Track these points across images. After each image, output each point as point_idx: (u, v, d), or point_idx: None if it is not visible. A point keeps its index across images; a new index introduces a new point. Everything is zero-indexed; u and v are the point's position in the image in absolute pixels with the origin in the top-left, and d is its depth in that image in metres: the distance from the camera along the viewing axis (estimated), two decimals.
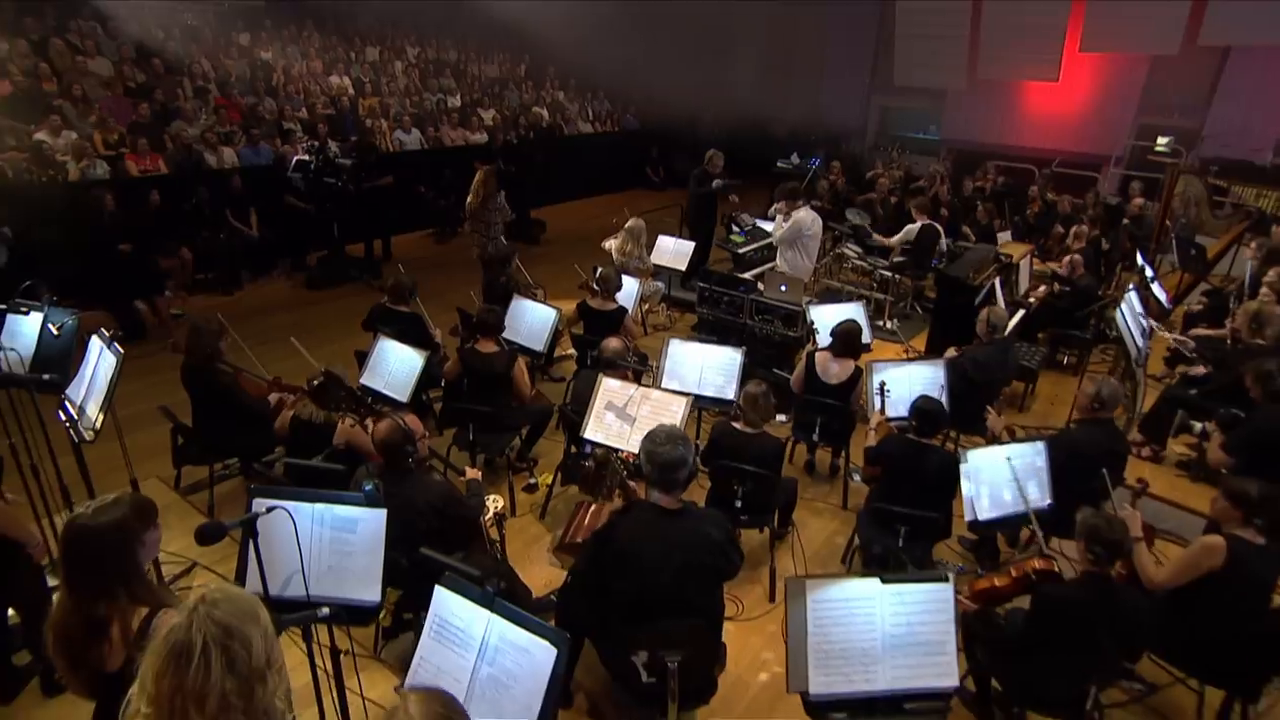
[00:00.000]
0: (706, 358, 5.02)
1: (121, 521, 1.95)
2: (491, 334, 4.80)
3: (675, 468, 2.63)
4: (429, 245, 10.77)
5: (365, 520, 2.57)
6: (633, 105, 15.49)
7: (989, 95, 13.28)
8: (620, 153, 14.67)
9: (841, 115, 15.52)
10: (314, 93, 10.79)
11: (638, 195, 14.51)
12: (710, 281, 6.25)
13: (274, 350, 5.30)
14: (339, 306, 8.07)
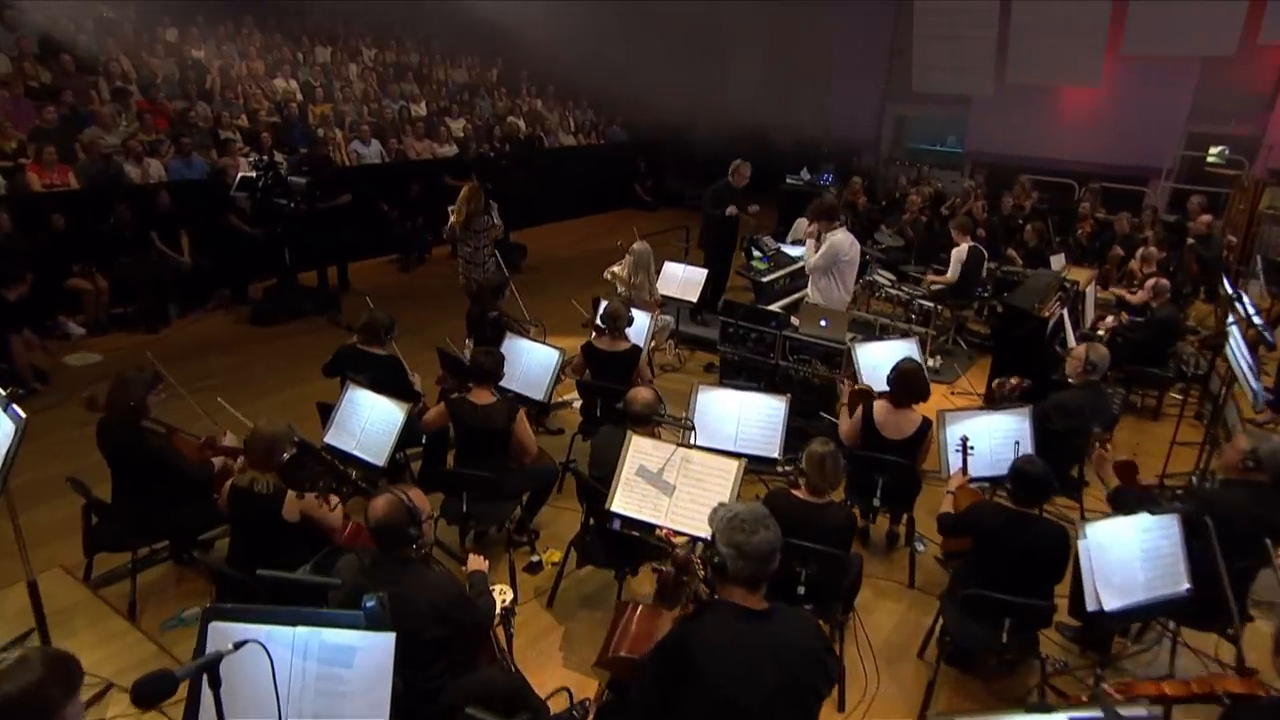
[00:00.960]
0: (744, 408, 4.73)
1: (35, 690, 1.59)
2: (489, 381, 4.47)
3: (769, 558, 2.32)
4: (392, 273, 10.51)
5: (366, 649, 2.17)
6: (619, 115, 15.53)
7: (1020, 102, 13.34)
8: (606, 168, 14.60)
9: (852, 126, 15.59)
10: (255, 98, 10.63)
11: (628, 216, 14.31)
12: (736, 316, 5.98)
13: (209, 400, 4.91)
14: (291, 346, 7.83)
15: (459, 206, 7.26)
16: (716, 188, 8.28)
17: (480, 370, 4.46)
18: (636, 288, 7.05)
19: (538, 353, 5.46)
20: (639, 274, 7.03)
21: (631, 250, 7.01)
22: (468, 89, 13.88)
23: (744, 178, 8.20)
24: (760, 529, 2.33)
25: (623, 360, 5.41)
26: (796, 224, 9.50)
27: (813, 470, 3.57)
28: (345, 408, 4.59)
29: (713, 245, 8.36)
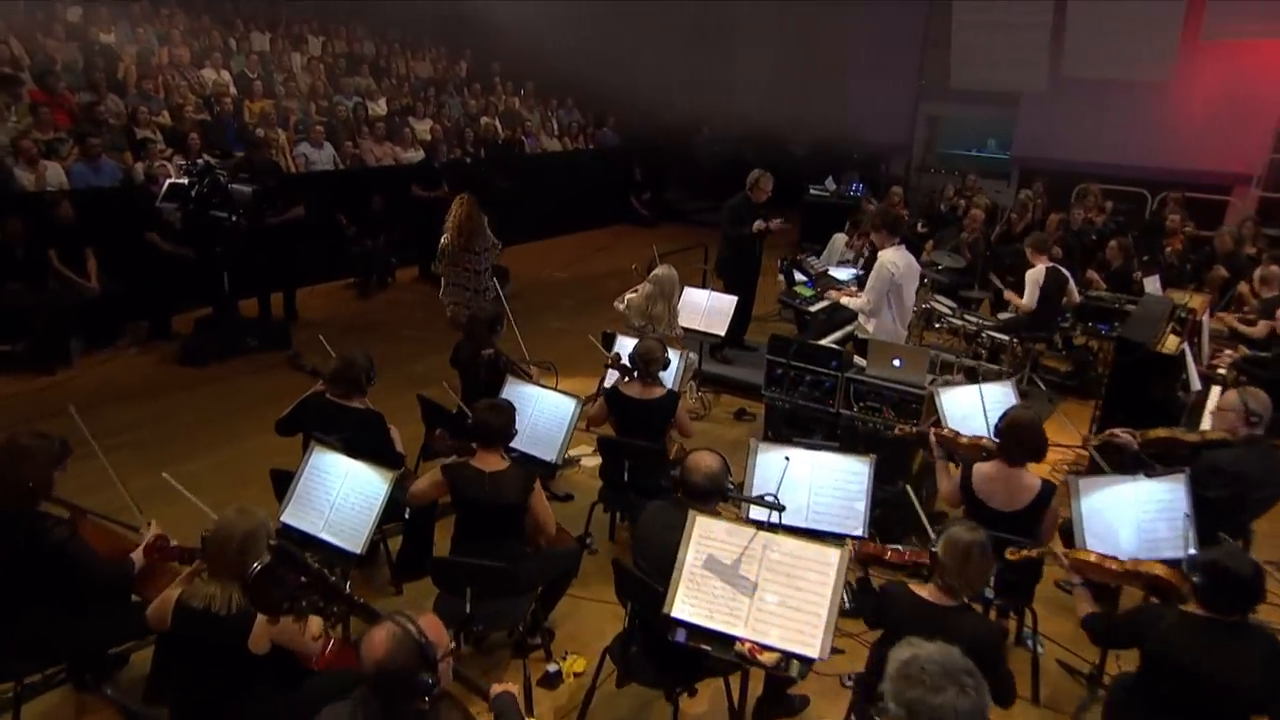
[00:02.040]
0: (818, 472, 4.32)
1: None
2: (498, 443, 3.99)
3: None
4: (350, 300, 10.19)
5: None
6: (610, 115, 15.46)
7: (1078, 100, 13.17)
8: (597, 177, 14.46)
9: (879, 128, 15.46)
10: (180, 91, 10.40)
11: (622, 233, 14.39)
12: (787, 354, 5.57)
13: (126, 463, 4.51)
14: (230, 392, 7.45)
15: (455, 225, 6.97)
16: (734, 204, 8.01)
17: (486, 429, 4.00)
18: (654, 319, 6.65)
19: (548, 401, 5.09)
20: (659, 303, 6.63)
21: (653, 276, 6.61)
22: (433, 84, 13.68)
23: (765, 192, 7.97)
24: (948, 686, 1.86)
25: (656, 410, 5.08)
26: (833, 241, 9.19)
27: (954, 562, 3.10)
28: (310, 477, 4.12)
29: (733, 270, 8.07)
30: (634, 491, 4.90)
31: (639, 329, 6.62)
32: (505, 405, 4.15)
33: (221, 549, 2.89)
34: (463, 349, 5.65)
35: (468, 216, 6.99)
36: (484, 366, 5.46)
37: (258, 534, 2.88)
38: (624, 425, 5.15)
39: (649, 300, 6.67)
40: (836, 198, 12.53)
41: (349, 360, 4.58)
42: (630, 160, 14.98)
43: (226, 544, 2.87)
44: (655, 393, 5.07)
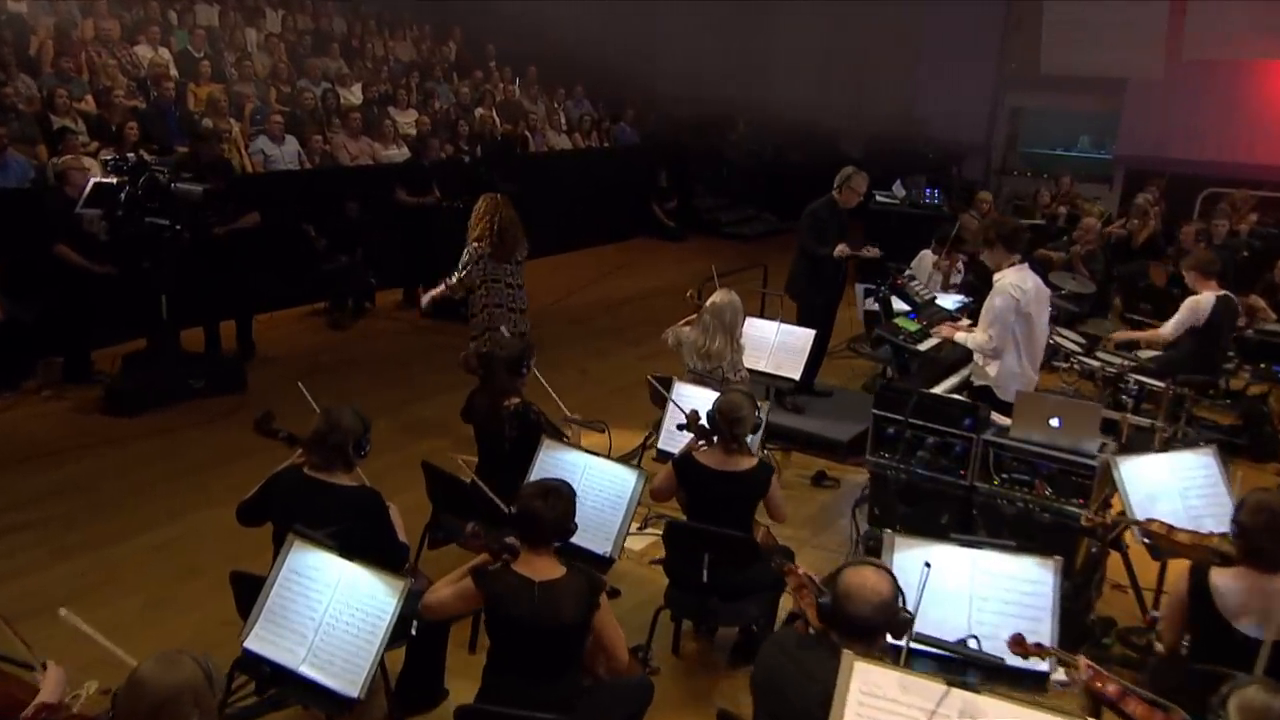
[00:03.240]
0: (981, 579, 3.74)
1: None
2: (551, 541, 3.41)
3: None
4: (320, 331, 9.82)
5: None
6: (628, 108, 15.32)
7: (1200, 88, 12.93)
8: (613, 180, 14.18)
9: (951, 123, 15.34)
10: (108, 71, 10.12)
11: (643, 248, 14.22)
12: (904, 409, 5.12)
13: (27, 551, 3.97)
14: (171, 450, 7.01)
15: (495, 228, 6.73)
16: (816, 209, 7.70)
17: (537, 524, 3.41)
18: (711, 357, 6.20)
19: (600, 473, 4.58)
20: (718, 337, 6.21)
21: (710, 304, 6.14)
22: (418, 69, 13.46)
23: (857, 194, 7.71)
24: None
25: (743, 485, 4.54)
26: (920, 260, 8.78)
27: None
28: (287, 586, 3.58)
29: (810, 292, 7.73)
30: (716, 594, 4.39)
31: (695, 371, 6.23)
32: (563, 489, 3.56)
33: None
34: (478, 399, 5.14)
35: (511, 219, 6.83)
36: (509, 422, 4.92)
37: (179, 699, 2.30)
38: (698, 504, 4.61)
39: (705, 334, 6.27)
40: (908, 205, 12.00)
41: (334, 421, 3.99)
42: (652, 161, 14.76)
43: (135, 714, 2.34)
44: (741, 463, 4.53)
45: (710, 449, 4.58)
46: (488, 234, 6.73)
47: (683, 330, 6.39)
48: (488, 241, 6.74)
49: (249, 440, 6.92)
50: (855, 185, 7.58)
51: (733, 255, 13.66)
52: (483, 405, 5.07)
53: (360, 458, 4.07)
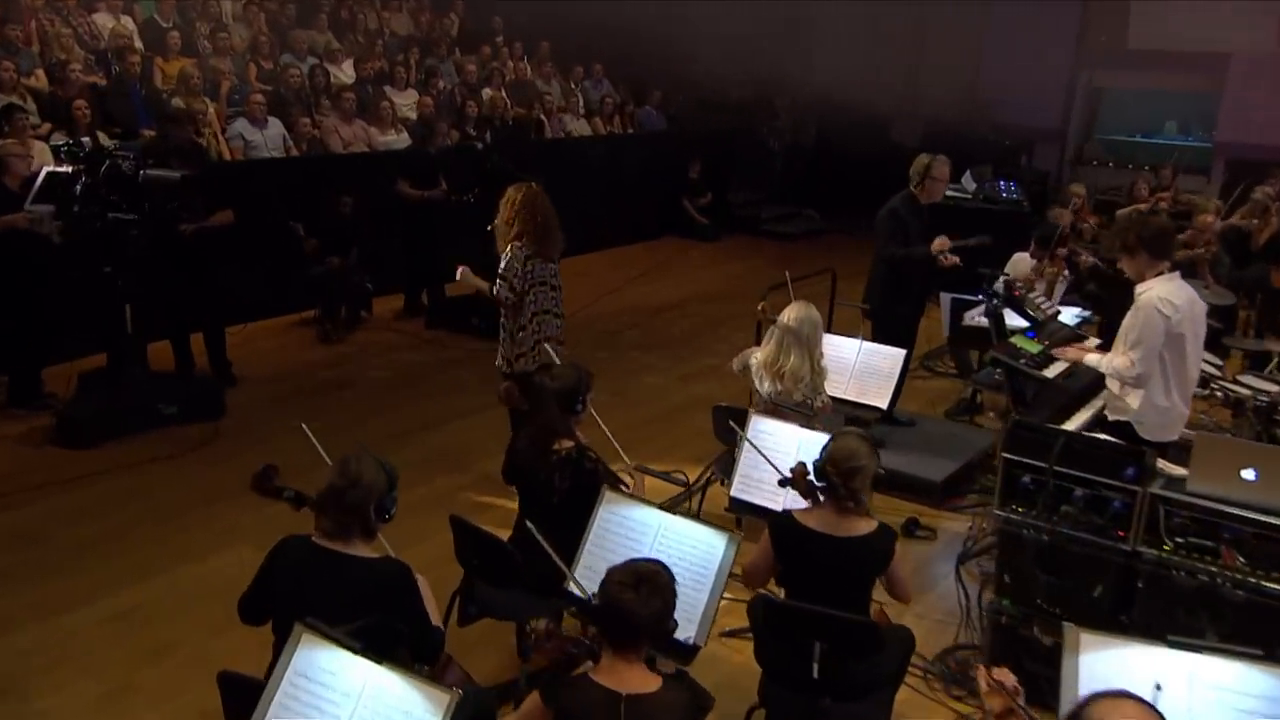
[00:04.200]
0: (1200, 694, 3.13)
1: None
2: (639, 644, 2.89)
3: None
4: (306, 345, 9.47)
5: None
6: (653, 90, 15.25)
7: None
8: (638, 171, 13.96)
9: (1020, 107, 15.12)
10: (63, 42, 9.93)
11: (674, 249, 14.09)
12: (1045, 453, 4.59)
13: None
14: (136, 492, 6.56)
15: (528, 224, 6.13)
16: (895, 208, 7.32)
17: (625, 620, 2.86)
18: (788, 378, 5.76)
19: (679, 537, 4.00)
20: (793, 354, 5.77)
21: (785, 321, 5.75)
22: (416, 44, 13.34)
23: (941, 184, 7.34)
24: None
25: (861, 555, 3.97)
26: (1014, 264, 8.33)
27: None
28: (295, 695, 2.99)
29: (891, 304, 7.34)
30: (828, 693, 3.82)
31: (770, 399, 5.77)
32: (660, 576, 3.03)
33: None
34: (521, 443, 4.52)
35: (553, 211, 6.26)
36: (559, 470, 4.38)
37: None
38: (800, 578, 4.04)
39: (781, 352, 5.79)
40: (981, 200, 11.51)
41: (352, 476, 3.42)
42: (682, 150, 14.54)
43: None
44: (858, 526, 3.95)
45: (816, 508, 4.01)
46: (530, 229, 6.21)
47: (752, 354, 5.91)
48: (531, 238, 6.22)
49: (231, 478, 6.42)
50: (937, 174, 7.16)
51: (775, 257, 13.30)
52: (524, 448, 4.50)
53: (384, 521, 3.51)
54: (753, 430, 5.08)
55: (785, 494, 4.72)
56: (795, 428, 4.98)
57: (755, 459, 4.91)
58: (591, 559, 4.02)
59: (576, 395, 4.53)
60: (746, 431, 5.06)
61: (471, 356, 8.86)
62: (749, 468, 5.01)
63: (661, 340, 9.79)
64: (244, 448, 6.88)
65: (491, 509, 6.21)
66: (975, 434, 7.33)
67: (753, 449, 4.91)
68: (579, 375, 4.59)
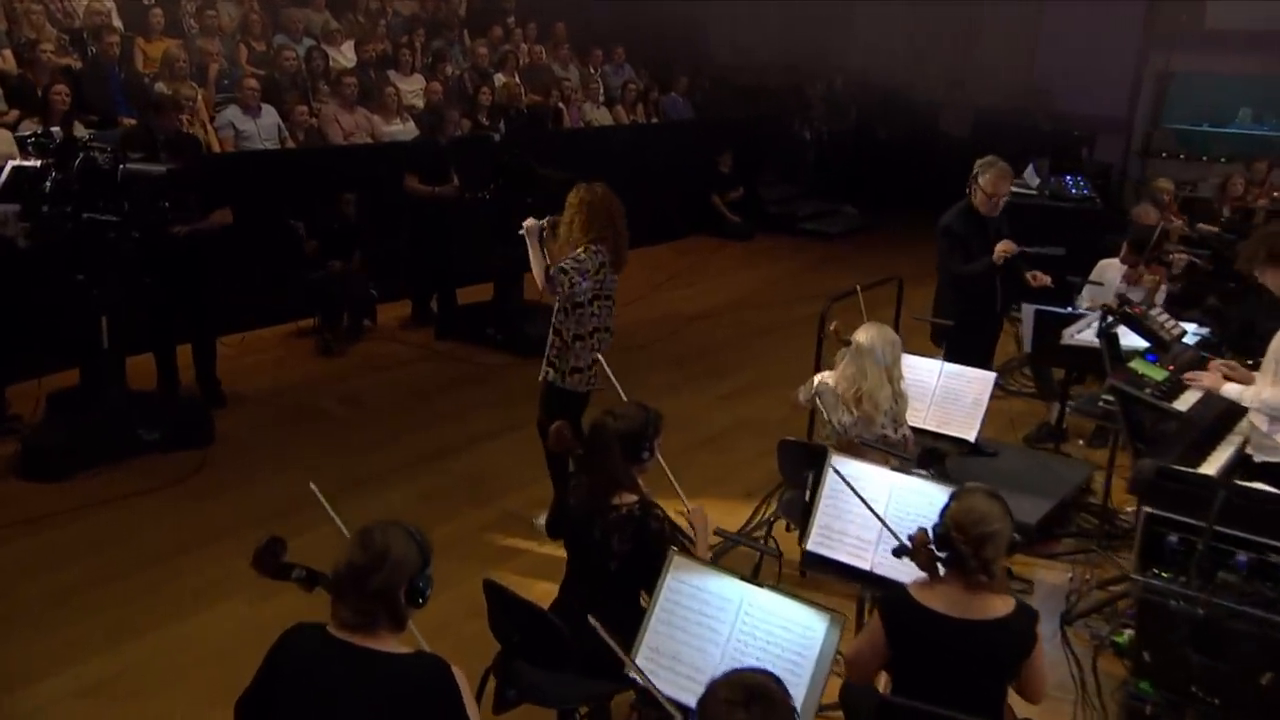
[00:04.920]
0: None
1: None
2: None
3: None
4: (303, 358, 9.10)
5: None
6: (679, 76, 15.05)
7: None
8: (664, 164, 13.60)
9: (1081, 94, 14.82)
10: (32, 20, 9.71)
11: (703, 249, 13.86)
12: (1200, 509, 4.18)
13: None
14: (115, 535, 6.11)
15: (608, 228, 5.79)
16: (949, 225, 6.94)
17: None
18: (870, 404, 5.28)
19: (768, 617, 3.51)
20: (870, 377, 5.31)
21: (860, 342, 5.30)
22: (422, 26, 13.06)
23: (998, 191, 6.82)
24: None
25: (996, 642, 3.46)
26: (1100, 271, 7.90)
27: None
28: None
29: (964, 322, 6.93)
30: None
31: (843, 432, 5.28)
32: (772, 691, 2.54)
33: None
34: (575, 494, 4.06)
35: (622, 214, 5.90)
36: (619, 531, 3.91)
37: None
38: (919, 670, 3.53)
39: (859, 377, 5.31)
40: (1048, 197, 11.01)
41: (378, 551, 2.91)
42: (711, 141, 14.20)
43: None
44: (991, 606, 3.43)
45: (938, 583, 3.49)
46: (609, 235, 5.83)
47: (824, 381, 5.42)
48: (609, 245, 5.82)
49: (222, 515, 6.08)
50: (986, 184, 6.73)
51: (815, 259, 13.02)
52: (583, 502, 4.00)
53: (417, 606, 3.00)
54: (834, 473, 4.59)
55: (872, 550, 4.31)
56: (886, 471, 4.48)
57: (837, 507, 4.43)
58: (657, 639, 3.54)
59: (643, 439, 4.06)
60: (826, 474, 4.56)
61: (489, 372, 8.48)
62: (830, 517, 4.51)
63: (696, 353, 9.37)
64: (236, 479, 6.53)
65: (521, 554, 5.83)
66: (1066, 466, 6.84)
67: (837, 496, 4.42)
68: (646, 415, 4.11)
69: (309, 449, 6.95)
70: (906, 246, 13.35)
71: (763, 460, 6.92)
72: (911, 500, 4.36)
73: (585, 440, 4.13)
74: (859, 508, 4.32)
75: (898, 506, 4.32)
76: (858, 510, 4.32)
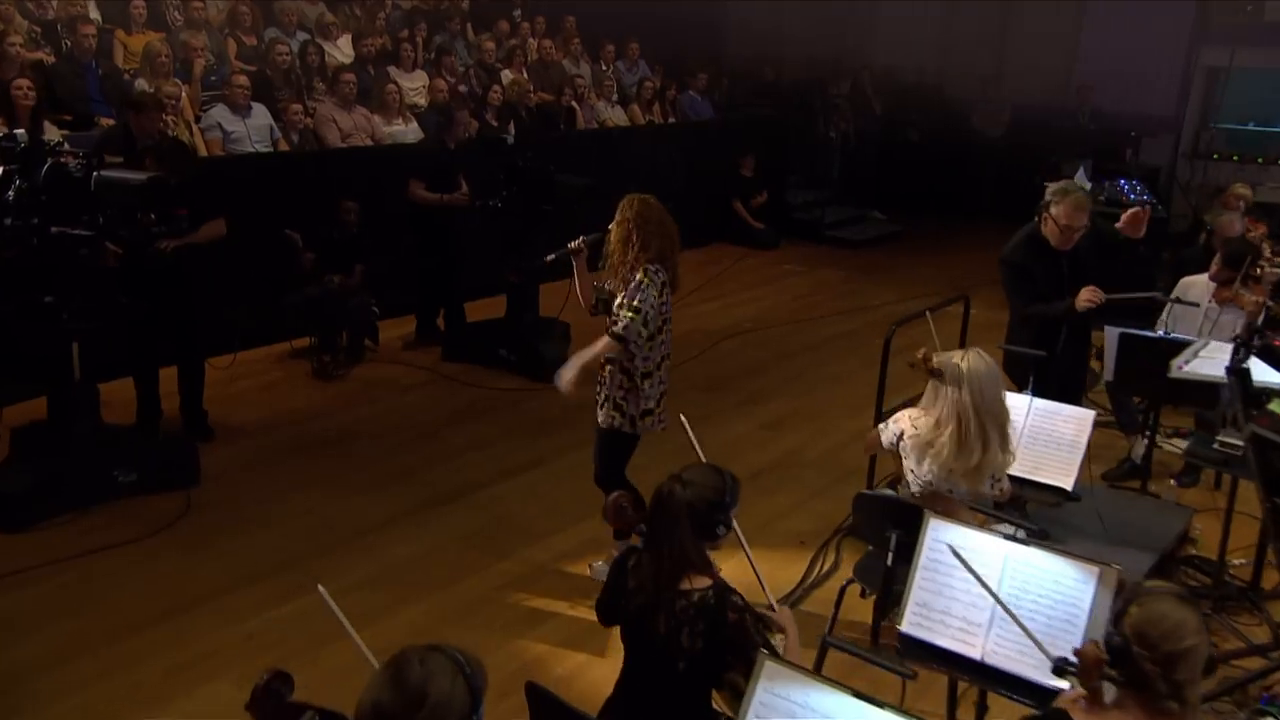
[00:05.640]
0: None
1: None
2: None
3: None
4: (300, 384, 8.53)
5: None
6: (697, 73, 14.64)
7: None
8: (683, 166, 13.19)
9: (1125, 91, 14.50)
10: (2, 11, 9.49)
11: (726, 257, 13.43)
12: None
13: None
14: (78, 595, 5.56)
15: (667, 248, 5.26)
16: (1010, 259, 6.39)
17: None
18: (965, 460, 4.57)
19: None
20: (973, 425, 4.58)
21: (958, 369, 4.56)
22: (424, 19, 12.64)
23: (1073, 226, 6.13)
24: None
25: None
26: (1185, 289, 7.25)
27: None
28: None
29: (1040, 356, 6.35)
30: None
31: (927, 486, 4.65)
32: None
33: None
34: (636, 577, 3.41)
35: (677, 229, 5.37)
36: (690, 622, 3.27)
37: None
38: None
39: (958, 424, 4.56)
40: (1103, 204, 10.55)
41: (411, 692, 2.34)
42: (732, 142, 13.77)
43: None
44: None
45: (1109, 711, 2.87)
46: (669, 252, 5.31)
47: (909, 424, 4.75)
48: (670, 263, 5.29)
49: (207, 571, 5.51)
50: (1060, 215, 6.08)
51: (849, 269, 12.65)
52: (645, 586, 3.36)
53: None
54: (934, 541, 3.96)
55: (983, 634, 3.71)
56: (998, 539, 3.86)
57: (937, 582, 3.82)
58: None
59: (719, 511, 3.41)
60: (924, 542, 3.95)
61: (502, 399, 7.92)
62: (929, 594, 3.89)
63: (728, 376, 8.79)
64: (226, 527, 5.96)
65: (552, 618, 5.25)
66: (1161, 511, 6.18)
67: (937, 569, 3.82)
68: (723, 482, 3.48)
69: (307, 490, 6.38)
70: (944, 256, 13.02)
71: (814, 502, 6.39)
72: (1031, 577, 3.74)
73: (649, 512, 3.51)
74: (965, 583, 3.74)
75: (1014, 583, 3.72)
76: (963, 586, 3.75)
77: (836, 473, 6.86)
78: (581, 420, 7.60)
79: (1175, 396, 6.71)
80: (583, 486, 6.06)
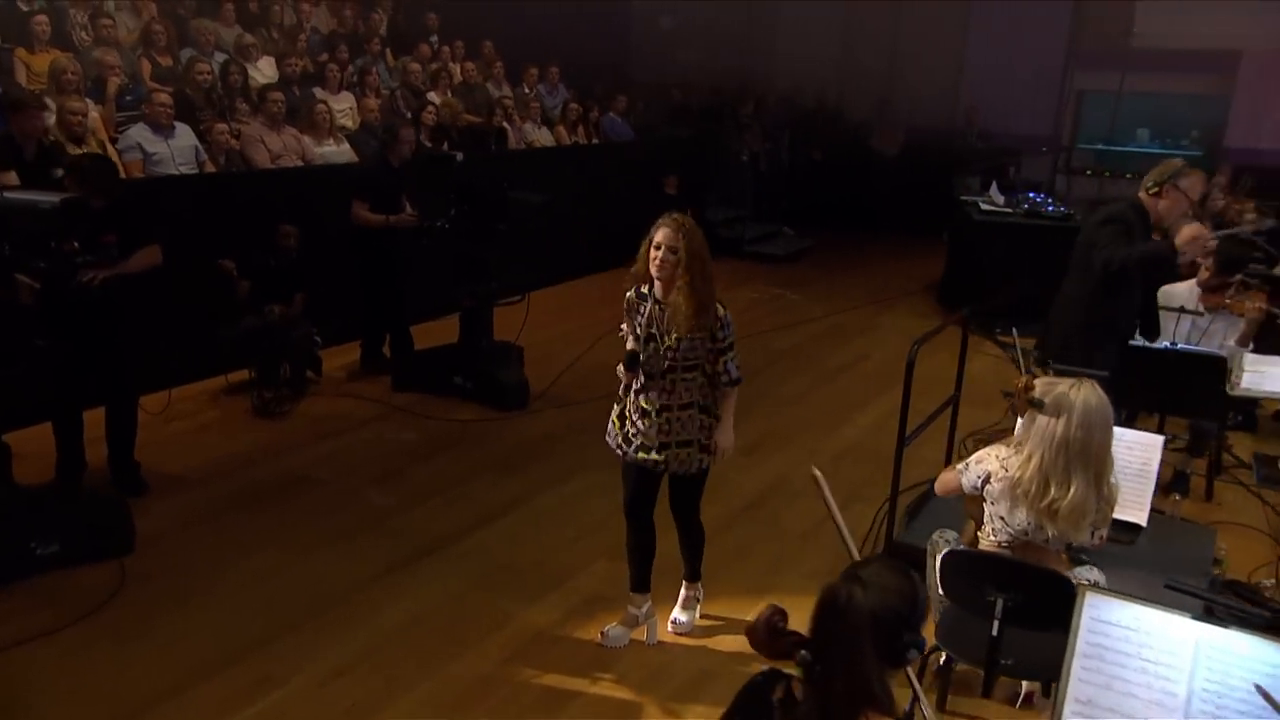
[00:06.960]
0: None
1: None
2: None
3: None
4: (240, 422, 6.89)
5: None
6: (615, 94, 13.44)
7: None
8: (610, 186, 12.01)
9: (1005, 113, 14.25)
10: None
11: None
12: None
13: None
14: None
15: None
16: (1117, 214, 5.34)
17: None
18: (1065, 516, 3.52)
19: None
20: (1077, 477, 3.51)
21: (1066, 399, 3.52)
22: (345, 41, 11.19)
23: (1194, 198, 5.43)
24: None
25: None
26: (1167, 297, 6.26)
27: None
28: None
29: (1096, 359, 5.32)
30: None
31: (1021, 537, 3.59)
32: None
33: None
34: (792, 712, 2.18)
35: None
36: None
37: None
38: None
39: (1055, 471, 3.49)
40: (1021, 215, 9.69)
41: None
42: (653, 162, 12.55)
43: None
44: None
45: None
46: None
47: (1002, 462, 3.59)
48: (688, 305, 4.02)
49: (146, 668, 4.02)
50: (1191, 187, 5.27)
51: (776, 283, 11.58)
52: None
53: None
54: (1092, 622, 2.82)
55: None
56: (1183, 619, 2.75)
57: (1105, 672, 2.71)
58: None
59: (908, 625, 2.19)
60: (1079, 618, 2.81)
61: (465, 432, 6.51)
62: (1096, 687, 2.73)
63: None
64: (166, 605, 4.43)
65: (573, 698, 3.91)
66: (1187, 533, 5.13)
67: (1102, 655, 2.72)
68: (912, 586, 2.23)
69: (261, 551, 4.86)
70: (858, 269, 12.19)
71: (819, 534, 5.18)
72: (1231, 667, 2.66)
73: (812, 624, 2.24)
74: (1141, 674, 2.66)
75: (1211, 678, 2.64)
76: (1140, 679, 2.66)
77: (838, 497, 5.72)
78: (551, 453, 6.23)
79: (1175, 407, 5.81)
80: (567, 530, 5.09)
